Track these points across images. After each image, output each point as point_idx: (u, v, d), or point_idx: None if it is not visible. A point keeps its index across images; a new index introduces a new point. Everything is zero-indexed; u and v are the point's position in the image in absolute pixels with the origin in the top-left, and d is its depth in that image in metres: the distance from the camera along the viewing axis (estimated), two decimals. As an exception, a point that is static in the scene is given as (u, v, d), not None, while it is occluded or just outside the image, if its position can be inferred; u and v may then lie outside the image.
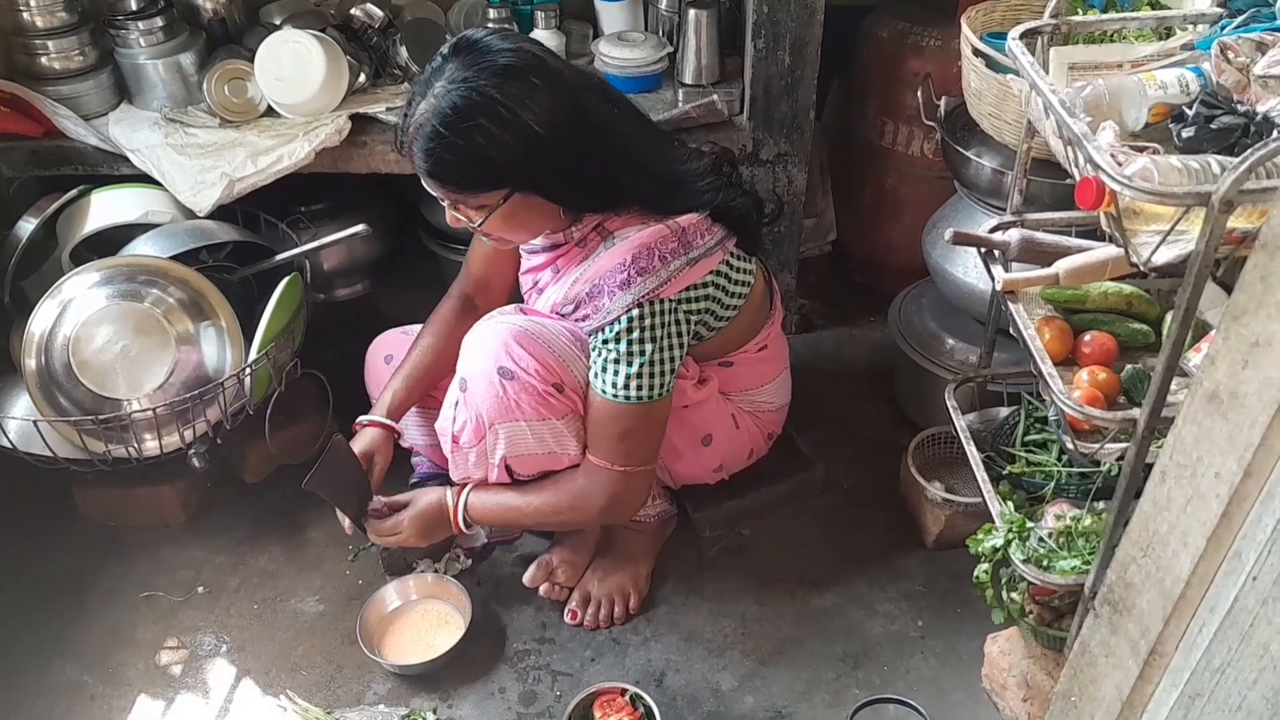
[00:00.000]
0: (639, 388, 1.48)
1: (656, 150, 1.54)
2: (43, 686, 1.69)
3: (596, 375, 1.50)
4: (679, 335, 1.50)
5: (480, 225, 1.47)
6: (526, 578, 1.80)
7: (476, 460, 1.60)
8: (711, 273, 1.51)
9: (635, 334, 1.46)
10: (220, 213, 1.91)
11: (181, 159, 1.90)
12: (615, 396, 1.48)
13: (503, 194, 1.42)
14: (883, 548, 1.88)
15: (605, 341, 1.47)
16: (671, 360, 1.50)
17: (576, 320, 1.53)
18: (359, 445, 1.70)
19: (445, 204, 1.48)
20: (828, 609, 1.78)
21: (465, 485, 1.64)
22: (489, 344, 1.52)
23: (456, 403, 1.58)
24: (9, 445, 1.73)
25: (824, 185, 2.39)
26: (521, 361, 1.49)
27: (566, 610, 1.77)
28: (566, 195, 1.47)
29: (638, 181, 1.49)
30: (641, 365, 1.47)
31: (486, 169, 1.39)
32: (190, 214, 1.92)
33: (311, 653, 1.75)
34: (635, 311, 1.45)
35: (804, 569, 1.85)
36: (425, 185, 1.45)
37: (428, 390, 1.79)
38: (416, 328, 1.85)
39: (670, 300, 1.47)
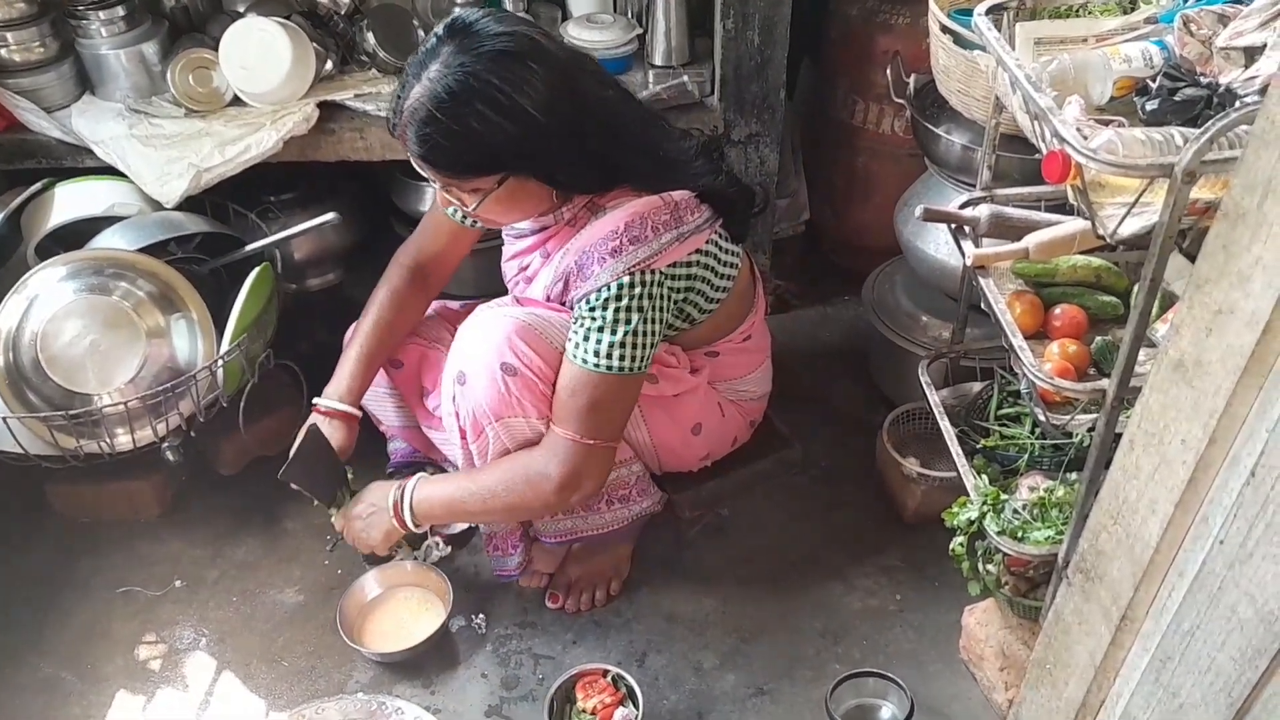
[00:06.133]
0: (621, 357, 1.44)
1: (649, 130, 1.54)
2: (20, 684, 1.68)
3: (576, 344, 1.46)
4: (663, 310, 1.49)
5: (474, 209, 1.45)
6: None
7: (478, 454, 1.57)
8: (699, 251, 1.51)
9: (624, 301, 1.43)
10: (188, 204, 1.89)
11: (147, 150, 1.87)
12: (596, 366, 1.44)
13: (498, 178, 1.41)
14: (860, 524, 1.89)
15: (592, 308, 1.44)
16: (654, 335, 1.48)
17: (566, 299, 1.52)
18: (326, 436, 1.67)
19: (437, 185, 1.47)
20: (807, 586, 1.79)
21: (409, 480, 1.60)
22: (491, 337, 1.48)
23: (455, 396, 1.54)
24: (-22, 443, 1.71)
25: (796, 165, 2.39)
26: (525, 357, 1.46)
27: (548, 595, 1.78)
28: (561, 177, 1.46)
29: (631, 161, 1.49)
30: (626, 334, 1.44)
31: (482, 153, 1.38)
32: (157, 206, 1.89)
33: (292, 643, 1.74)
34: (626, 279, 1.44)
35: (783, 547, 1.86)
36: (417, 168, 1.43)
37: (379, 365, 1.76)
38: None
39: (660, 272, 1.46)
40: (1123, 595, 1.12)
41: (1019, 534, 1.43)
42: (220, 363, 1.75)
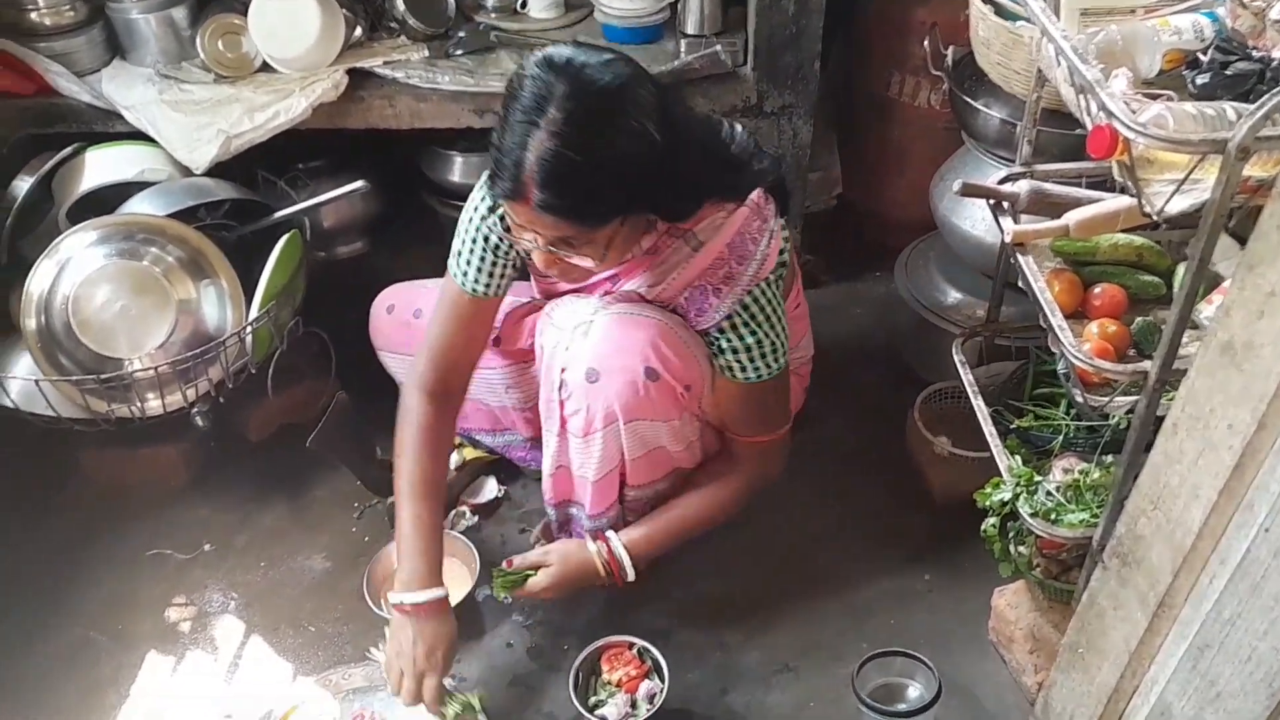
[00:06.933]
0: (784, 352, 1.52)
1: (717, 137, 1.49)
2: (53, 645, 1.70)
3: (743, 366, 1.49)
4: (781, 302, 1.51)
5: (599, 263, 1.36)
6: (533, 539, 1.79)
7: (579, 449, 1.54)
8: (784, 239, 1.51)
9: (760, 317, 1.47)
10: (217, 170, 1.89)
11: (177, 116, 1.87)
12: (771, 373, 1.51)
13: (622, 219, 1.33)
14: (888, 503, 1.87)
15: (741, 338, 1.47)
16: (785, 323, 1.52)
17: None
18: (427, 638, 1.48)
19: (539, 246, 1.34)
20: (833, 564, 1.78)
21: (602, 535, 1.58)
22: (635, 340, 1.44)
23: (562, 384, 1.49)
24: (11, 405, 1.72)
25: (829, 138, 2.35)
26: (668, 364, 1.45)
27: (574, 568, 1.77)
28: (671, 204, 1.38)
29: (714, 174, 1.44)
30: (776, 340, 1.50)
31: (619, 191, 1.29)
32: (187, 171, 1.89)
33: (319, 609, 1.75)
34: (747, 299, 1.45)
35: (810, 525, 1.85)
36: (534, 225, 1.30)
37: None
38: (419, 282, 1.83)
39: (770, 276, 1.48)
40: (1161, 581, 1.11)
41: (1053, 516, 1.41)
42: (249, 329, 1.76)
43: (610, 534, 1.58)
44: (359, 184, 1.92)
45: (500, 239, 1.50)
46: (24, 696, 1.63)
